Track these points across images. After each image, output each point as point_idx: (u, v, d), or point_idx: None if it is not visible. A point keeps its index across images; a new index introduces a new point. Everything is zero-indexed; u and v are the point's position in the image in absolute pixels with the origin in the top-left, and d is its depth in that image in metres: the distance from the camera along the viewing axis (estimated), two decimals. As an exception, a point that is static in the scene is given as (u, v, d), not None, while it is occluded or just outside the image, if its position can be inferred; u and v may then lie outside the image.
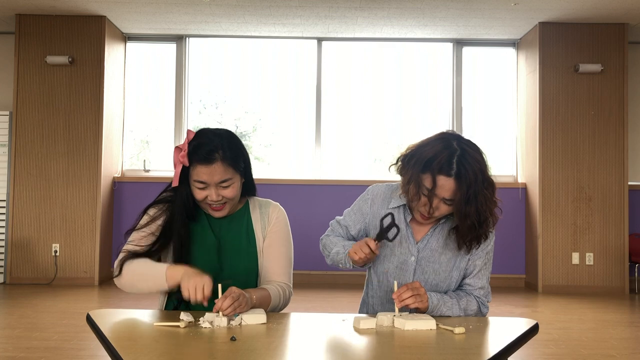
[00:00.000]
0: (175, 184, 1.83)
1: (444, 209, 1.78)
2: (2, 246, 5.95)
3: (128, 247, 1.85)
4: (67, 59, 5.85)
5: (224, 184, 1.81)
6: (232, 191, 1.83)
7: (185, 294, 1.67)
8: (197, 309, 1.80)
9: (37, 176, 5.91)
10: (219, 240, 1.88)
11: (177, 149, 1.83)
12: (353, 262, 1.82)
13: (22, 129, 5.90)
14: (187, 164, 1.80)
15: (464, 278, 1.91)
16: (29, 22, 5.92)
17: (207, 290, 1.66)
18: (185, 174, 1.83)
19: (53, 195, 5.91)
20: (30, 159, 5.90)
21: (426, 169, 1.73)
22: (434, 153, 1.72)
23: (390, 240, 1.80)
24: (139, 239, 1.86)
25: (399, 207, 1.91)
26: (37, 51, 5.92)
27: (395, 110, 6.77)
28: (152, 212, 1.90)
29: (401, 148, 1.87)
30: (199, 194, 1.82)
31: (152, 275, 1.76)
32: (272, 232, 1.94)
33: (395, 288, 1.74)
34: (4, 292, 5.43)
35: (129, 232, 1.89)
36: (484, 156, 1.78)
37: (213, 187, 1.80)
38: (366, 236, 2.03)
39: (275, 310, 1.89)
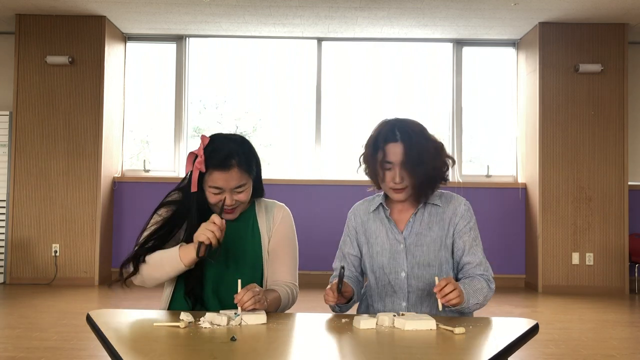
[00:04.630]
0: (194, 189, 1.85)
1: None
2: (2, 246, 5.95)
3: (140, 245, 1.87)
4: (67, 59, 5.85)
5: (239, 189, 1.86)
6: (245, 195, 1.88)
7: (204, 239, 1.73)
8: (212, 308, 1.84)
9: (37, 176, 5.91)
10: (225, 239, 1.90)
11: (192, 154, 1.86)
12: (330, 306, 1.84)
13: (22, 129, 5.90)
14: (204, 170, 1.82)
15: (460, 257, 1.97)
16: (29, 22, 5.92)
17: (218, 221, 1.75)
18: (198, 179, 1.85)
19: (53, 195, 5.91)
20: (30, 159, 5.90)
21: (376, 146, 1.93)
22: (377, 132, 1.96)
23: (341, 278, 1.76)
24: (151, 237, 1.87)
25: (377, 208, 2.04)
26: (37, 51, 5.92)
27: (395, 110, 6.76)
28: (162, 212, 1.93)
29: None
30: (213, 198, 1.86)
31: (168, 260, 1.79)
32: (277, 231, 1.98)
33: (437, 282, 1.73)
34: (4, 292, 5.43)
35: (141, 233, 1.91)
36: (421, 123, 2.01)
37: (228, 192, 1.85)
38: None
39: (284, 310, 1.92)
